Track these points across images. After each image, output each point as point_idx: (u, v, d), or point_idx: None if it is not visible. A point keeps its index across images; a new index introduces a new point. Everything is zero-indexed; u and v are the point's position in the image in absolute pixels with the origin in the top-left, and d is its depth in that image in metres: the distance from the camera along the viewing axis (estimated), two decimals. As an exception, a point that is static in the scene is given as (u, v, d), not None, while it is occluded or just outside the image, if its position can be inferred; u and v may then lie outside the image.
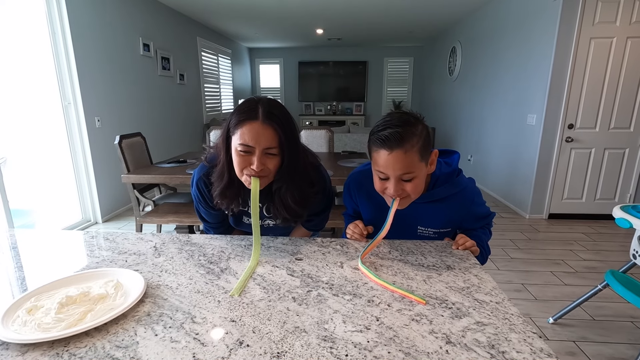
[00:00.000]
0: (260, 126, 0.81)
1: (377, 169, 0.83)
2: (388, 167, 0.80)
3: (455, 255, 0.85)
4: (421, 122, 0.83)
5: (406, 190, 0.83)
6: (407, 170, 0.80)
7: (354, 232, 0.95)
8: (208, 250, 0.87)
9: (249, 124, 0.81)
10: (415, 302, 0.65)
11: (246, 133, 0.81)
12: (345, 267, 0.78)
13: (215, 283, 0.71)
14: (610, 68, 2.93)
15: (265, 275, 0.75)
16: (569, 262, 2.45)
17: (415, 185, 0.82)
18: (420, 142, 0.80)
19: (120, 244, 0.90)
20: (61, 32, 2.81)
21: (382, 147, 0.80)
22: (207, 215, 1.06)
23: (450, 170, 0.91)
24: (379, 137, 0.80)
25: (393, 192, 0.82)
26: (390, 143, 0.78)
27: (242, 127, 0.82)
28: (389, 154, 0.79)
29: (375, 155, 0.83)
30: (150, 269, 0.77)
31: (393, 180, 0.81)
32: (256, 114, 0.82)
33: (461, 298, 0.66)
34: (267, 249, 0.88)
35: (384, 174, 0.82)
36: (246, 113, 0.82)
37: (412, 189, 0.83)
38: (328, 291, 0.68)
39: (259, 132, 0.81)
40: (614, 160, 3.12)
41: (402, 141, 0.78)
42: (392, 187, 0.82)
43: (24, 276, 0.75)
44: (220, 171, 0.90)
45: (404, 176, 0.81)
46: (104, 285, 0.67)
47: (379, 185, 0.86)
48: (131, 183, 2.37)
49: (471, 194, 0.94)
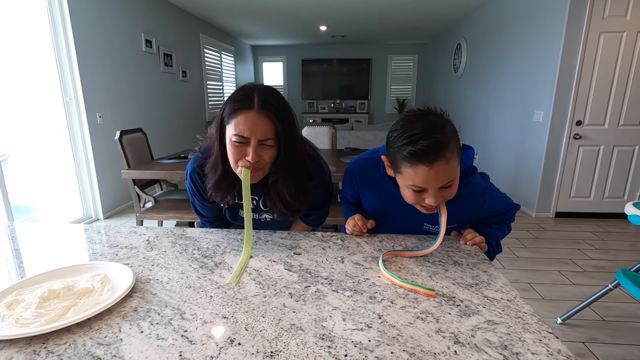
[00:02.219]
0: (255, 116, 0.77)
1: (411, 184, 0.73)
2: (429, 182, 0.70)
3: (463, 250, 0.80)
4: (447, 119, 0.74)
5: (445, 197, 0.75)
6: (449, 178, 0.71)
7: (354, 230, 0.89)
8: (203, 244, 0.83)
9: (243, 114, 0.77)
10: (424, 295, 0.61)
11: (241, 123, 0.77)
12: (346, 262, 0.74)
13: (208, 278, 0.67)
14: (620, 63, 2.86)
15: (262, 270, 0.71)
16: (577, 262, 2.39)
17: (454, 188, 0.74)
18: (456, 142, 0.71)
19: (112, 237, 0.87)
20: (62, 27, 2.79)
21: (420, 162, 0.68)
22: (202, 209, 1.02)
23: (464, 168, 0.83)
24: (413, 152, 0.68)
25: (434, 204, 0.73)
26: (430, 156, 0.67)
27: (236, 116, 0.77)
28: (430, 169, 0.68)
29: (409, 172, 0.71)
30: (141, 263, 0.73)
31: (432, 192, 0.72)
32: (251, 102, 0.77)
33: (470, 295, 0.61)
34: (264, 243, 0.84)
35: (420, 187, 0.73)
36: (241, 102, 0.78)
37: (452, 193, 0.75)
38: (327, 287, 0.64)
39: (254, 122, 0.77)
40: (623, 158, 3.05)
41: (442, 150, 0.68)
42: (433, 199, 0.72)
43: (9, 269, 0.72)
44: (214, 162, 0.86)
45: (445, 184, 0.72)
46: (91, 279, 0.64)
47: (413, 198, 0.75)
48: (132, 179, 2.35)
49: (482, 194, 0.87)
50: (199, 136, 0.94)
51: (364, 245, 0.83)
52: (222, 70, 5.98)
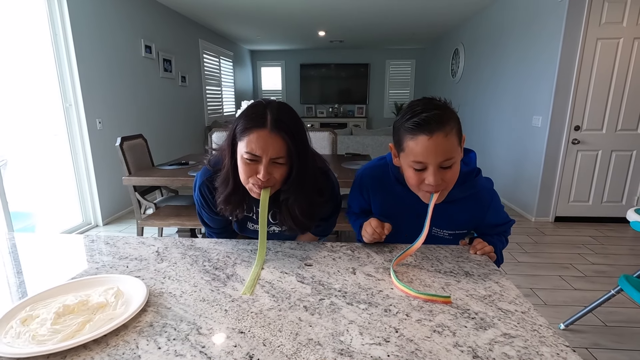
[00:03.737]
0: (268, 135, 0.77)
1: (413, 159, 0.75)
2: (429, 154, 0.73)
3: (473, 260, 0.81)
4: (450, 107, 0.78)
5: (445, 180, 0.76)
6: (448, 155, 0.73)
7: (374, 237, 0.86)
8: (213, 255, 0.83)
9: (256, 132, 0.77)
10: (441, 303, 0.61)
11: (253, 141, 0.77)
12: (357, 274, 0.74)
13: (221, 290, 0.67)
14: (617, 69, 2.89)
15: (274, 282, 0.71)
16: (577, 266, 2.41)
17: (454, 172, 0.76)
18: (457, 124, 0.75)
19: (121, 249, 0.87)
20: (62, 33, 2.79)
21: (421, 131, 0.72)
22: (210, 221, 1.02)
23: (469, 170, 0.86)
24: (415, 122, 0.73)
25: (433, 182, 0.75)
26: (430, 126, 0.72)
27: (249, 134, 0.77)
28: (429, 139, 0.72)
29: (410, 144, 0.75)
30: (153, 276, 0.73)
31: (432, 168, 0.74)
32: (264, 121, 0.77)
33: (484, 307, 0.61)
34: (274, 254, 0.84)
35: (421, 163, 0.75)
36: (254, 120, 0.78)
37: (452, 176, 0.77)
38: (341, 299, 0.64)
39: (266, 141, 0.77)
40: (621, 163, 3.08)
41: (442, 123, 0.72)
42: (432, 176, 0.74)
43: (20, 282, 0.71)
44: (225, 177, 0.86)
45: (444, 163, 0.74)
46: (104, 293, 0.63)
47: (415, 178, 0.78)
48: (132, 185, 2.34)
49: (489, 196, 0.89)
50: (208, 147, 0.94)
51: (374, 255, 0.83)
52: (220, 75, 5.99)
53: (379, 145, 4.69)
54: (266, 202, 0.80)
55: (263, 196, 0.81)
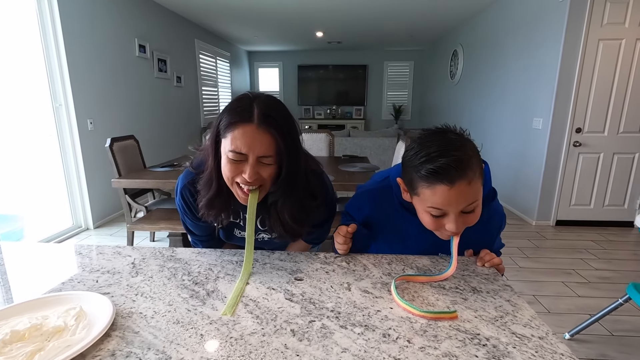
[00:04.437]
0: (254, 131, 0.69)
1: (430, 206, 0.66)
2: (450, 204, 0.64)
3: (480, 274, 0.73)
4: (467, 138, 0.68)
5: (467, 223, 0.68)
6: (471, 200, 0.65)
7: (346, 242, 0.79)
8: (194, 267, 0.75)
9: (241, 128, 0.69)
10: (448, 319, 0.56)
11: (238, 138, 0.69)
12: (353, 290, 0.67)
13: (199, 310, 0.60)
14: (619, 70, 2.84)
15: (259, 300, 0.63)
16: (580, 272, 2.34)
17: (477, 214, 0.68)
18: (479, 162, 0.66)
19: (93, 260, 0.79)
20: (52, 30, 2.71)
21: (439, 181, 0.63)
22: (194, 228, 0.93)
23: (485, 192, 0.74)
24: (431, 170, 0.63)
25: (455, 229, 0.66)
26: (451, 175, 0.62)
27: (233, 130, 0.69)
28: (450, 189, 0.62)
29: (427, 192, 0.65)
30: (124, 292, 0.65)
31: (454, 216, 0.66)
32: (250, 115, 0.69)
33: (496, 331, 0.54)
34: (262, 266, 0.76)
35: (440, 210, 0.66)
36: (239, 114, 0.70)
37: (474, 218, 0.68)
38: (334, 322, 0.57)
39: (253, 138, 0.69)
40: (623, 165, 3.02)
41: (464, 169, 0.62)
42: (454, 224, 0.66)
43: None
44: (208, 178, 0.78)
45: (467, 208, 0.65)
46: (64, 314, 0.56)
47: (433, 224, 0.69)
48: (122, 188, 2.26)
49: (500, 221, 0.82)
50: (191, 148, 0.86)
51: (372, 268, 0.76)
52: (217, 76, 5.92)
53: (377, 148, 4.62)
54: (254, 206, 0.73)
55: (251, 199, 0.73)
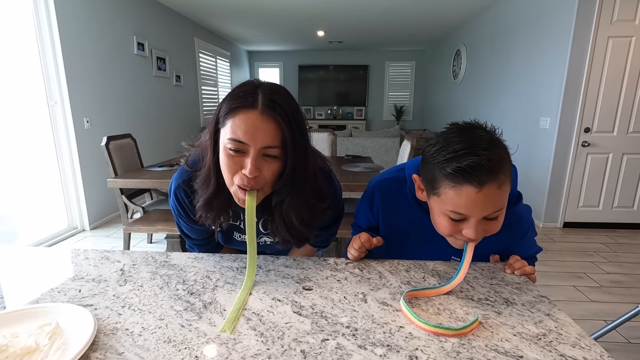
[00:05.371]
0: (258, 118, 0.60)
1: (452, 209, 0.60)
2: (475, 208, 0.58)
3: (510, 283, 0.65)
4: (499, 138, 0.61)
5: (488, 231, 0.60)
6: (497, 207, 0.58)
7: (361, 250, 0.73)
8: (190, 275, 0.67)
9: (243, 114, 0.60)
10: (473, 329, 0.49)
11: (239, 125, 0.60)
12: (369, 301, 0.59)
13: (194, 326, 0.52)
14: (629, 68, 2.77)
15: (263, 314, 0.55)
16: (591, 276, 2.26)
17: (499, 222, 0.61)
18: (510, 165, 0.59)
19: (78, 266, 0.71)
20: (48, 26, 2.63)
21: (467, 182, 0.56)
22: (190, 231, 0.85)
23: (510, 196, 0.69)
24: (458, 169, 0.56)
25: (474, 236, 0.59)
26: (480, 176, 0.55)
27: (234, 116, 0.61)
28: (479, 192, 0.56)
29: (450, 194, 0.59)
30: (109, 304, 0.57)
31: (475, 221, 0.59)
32: (254, 101, 0.61)
33: (541, 353, 0.46)
34: (265, 273, 0.69)
35: (462, 215, 0.59)
36: (241, 99, 0.61)
37: (496, 227, 0.61)
38: (351, 340, 0.49)
39: (256, 126, 0.60)
40: (633, 166, 2.95)
41: (496, 171, 0.55)
42: (474, 230, 0.59)
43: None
44: (206, 176, 0.69)
45: (491, 215, 0.59)
46: (37, 331, 0.48)
47: (450, 228, 0.62)
48: (119, 188, 2.18)
49: (526, 227, 0.75)
50: (185, 144, 0.77)
51: (389, 276, 0.68)
52: (217, 75, 5.85)
53: (380, 148, 4.55)
54: (253, 210, 0.64)
55: (249, 202, 0.64)
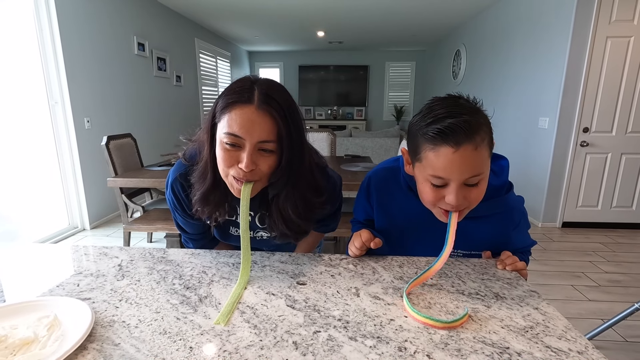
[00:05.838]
0: (254, 112, 0.62)
1: (432, 173, 0.62)
2: (452, 170, 0.60)
3: (501, 278, 0.66)
4: (479, 108, 0.64)
5: (469, 199, 0.62)
6: (476, 171, 0.60)
7: (362, 249, 0.75)
8: (186, 270, 0.69)
9: (239, 109, 0.62)
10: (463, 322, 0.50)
11: (235, 120, 0.62)
12: (362, 296, 0.60)
13: (189, 319, 0.53)
14: (627, 68, 2.78)
15: (257, 307, 0.56)
16: (589, 275, 2.27)
17: (481, 190, 0.63)
18: (489, 132, 0.61)
19: (76, 261, 0.72)
20: (48, 26, 2.65)
21: (444, 142, 0.59)
22: (185, 225, 0.86)
23: (500, 184, 0.71)
24: (437, 130, 0.59)
25: (454, 201, 0.60)
26: (457, 136, 0.58)
27: (230, 111, 0.63)
28: (455, 152, 0.58)
29: (429, 155, 0.61)
30: (107, 297, 0.59)
31: (455, 186, 0.61)
32: (250, 96, 0.63)
33: (527, 345, 0.47)
34: (260, 268, 0.70)
35: (442, 179, 0.61)
36: (238, 94, 0.63)
37: (477, 195, 0.63)
38: (342, 332, 0.50)
39: (252, 120, 0.62)
40: (632, 166, 2.96)
41: (472, 132, 0.58)
42: (454, 195, 0.61)
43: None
44: (203, 169, 0.70)
45: (470, 180, 0.61)
46: (36, 323, 0.49)
47: (432, 194, 0.64)
48: (119, 187, 2.20)
49: (518, 217, 0.76)
50: (183, 138, 0.79)
51: (381, 271, 0.69)
52: (217, 75, 5.86)
53: (379, 148, 4.56)
54: (247, 199, 0.65)
55: (244, 190, 0.65)
